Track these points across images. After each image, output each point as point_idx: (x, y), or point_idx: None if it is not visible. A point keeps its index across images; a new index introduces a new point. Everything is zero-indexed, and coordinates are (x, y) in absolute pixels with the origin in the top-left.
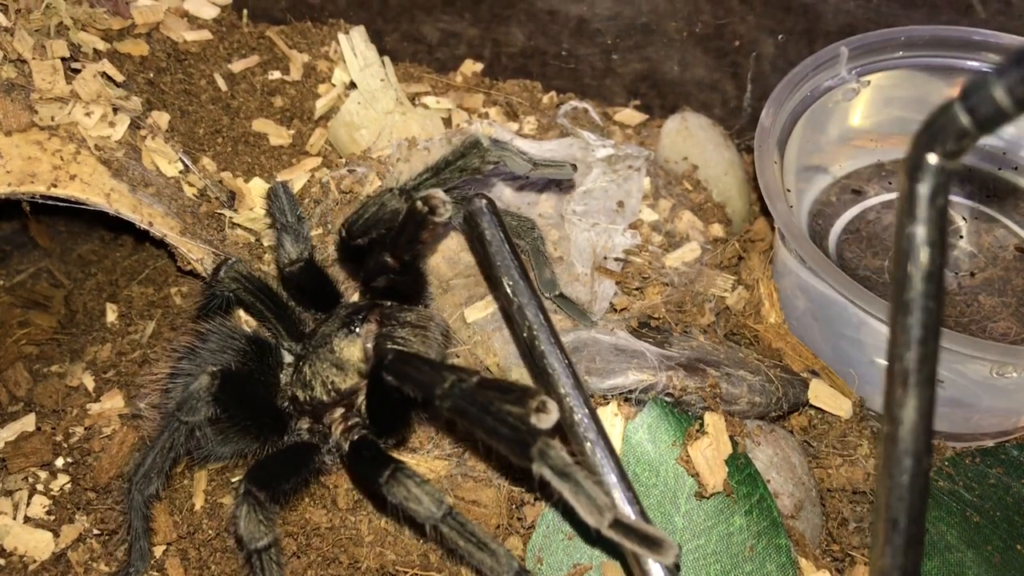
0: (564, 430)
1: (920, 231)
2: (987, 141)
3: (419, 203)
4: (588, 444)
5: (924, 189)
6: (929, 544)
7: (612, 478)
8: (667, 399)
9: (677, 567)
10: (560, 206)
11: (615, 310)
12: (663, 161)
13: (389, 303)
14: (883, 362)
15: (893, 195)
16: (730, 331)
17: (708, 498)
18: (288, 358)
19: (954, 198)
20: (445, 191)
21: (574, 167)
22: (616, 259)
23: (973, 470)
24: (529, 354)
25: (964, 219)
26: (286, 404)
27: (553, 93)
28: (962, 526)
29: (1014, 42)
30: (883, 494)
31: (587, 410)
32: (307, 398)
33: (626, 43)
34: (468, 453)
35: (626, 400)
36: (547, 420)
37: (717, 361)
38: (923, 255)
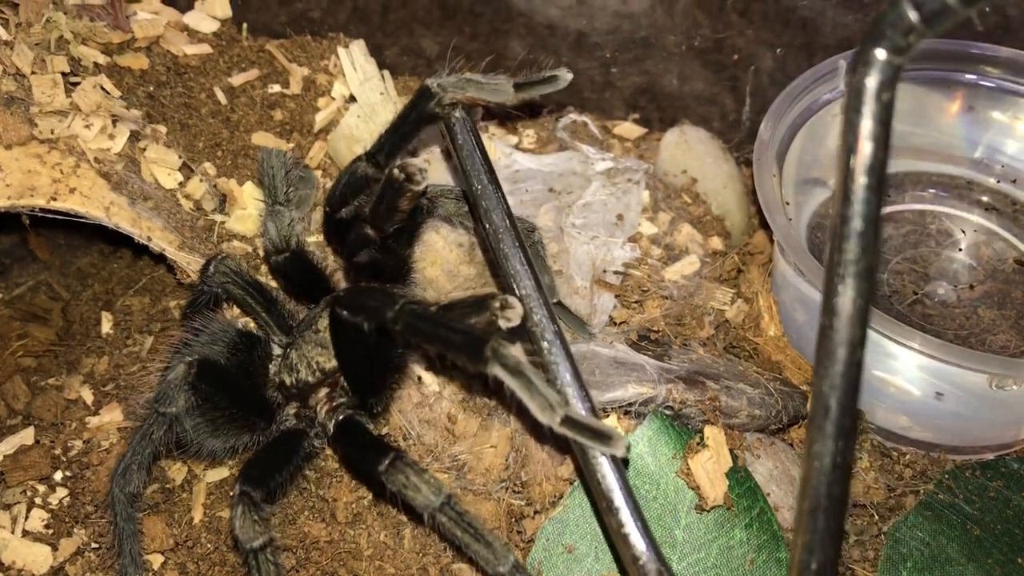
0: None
1: (865, 124)
2: (987, 154)
3: (395, 171)
4: (545, 344)
5: (871, 83)
6: (930, 557)
7: (566, 376)
8: (667, 412)
9: (626, 461)
10: (559, 219)
11: (614, 323)
12: (662, 174)
13: (374, 283)
14: (882, 374)
15: (892, 208)
16: (729, 344)
17: (708, 511)
18: (277, 350)
19: (953, 211)
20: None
21: (568, 70)
22: (615, 272)
23: (973, 483)
24: (494, 258)
25: (963, 232)
26: (274, 392)
27: (552, 106)
28: (962, 539)
29: (1012, 55)
30: (817, 383)
31: (546, 311)
32: (294, 381)
33: (625, 57)
34: (467, 467)
35: (626, 413)
36: (515, 315)
37: (717, 374)
38: (866, 148)
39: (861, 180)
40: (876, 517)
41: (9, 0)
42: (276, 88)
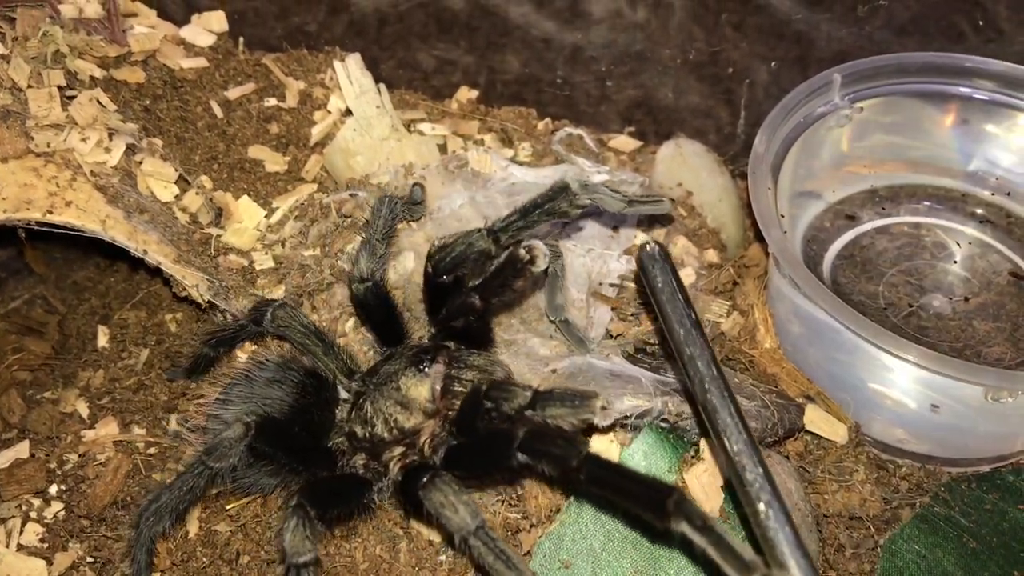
0: (736, 490)
1: None
2: (981, 166)
3: (521, 251)
4: (761, 505)
5: None
6: (926, 570)
7: (784, 545)
8: (663, 425)
9: None
10: (554, 231)
11: (611, 336)
12: (658, 187)
13: (455, 345)
14: (877, 387)
15: (887, 220)
16: (725, 356)
17: None
18: (344, 394)
19: (948, 223)
20: (531, 235)
21: (672, 200)
22: (611, 285)
23: (969, 496)
24: (700, 406)
25: (958, 244)
26: (340, 440)
27: (548, 120)
28: (958, 552)
29: (1006, 69)
30: None
31: (761, 469)
32: (367, 435)
33: (620, 70)
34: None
35: (622, 426)
36: (608, 416)
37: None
38: None
39: None
40: (872, 530)
41: (6, 14)
42: (272, 101)
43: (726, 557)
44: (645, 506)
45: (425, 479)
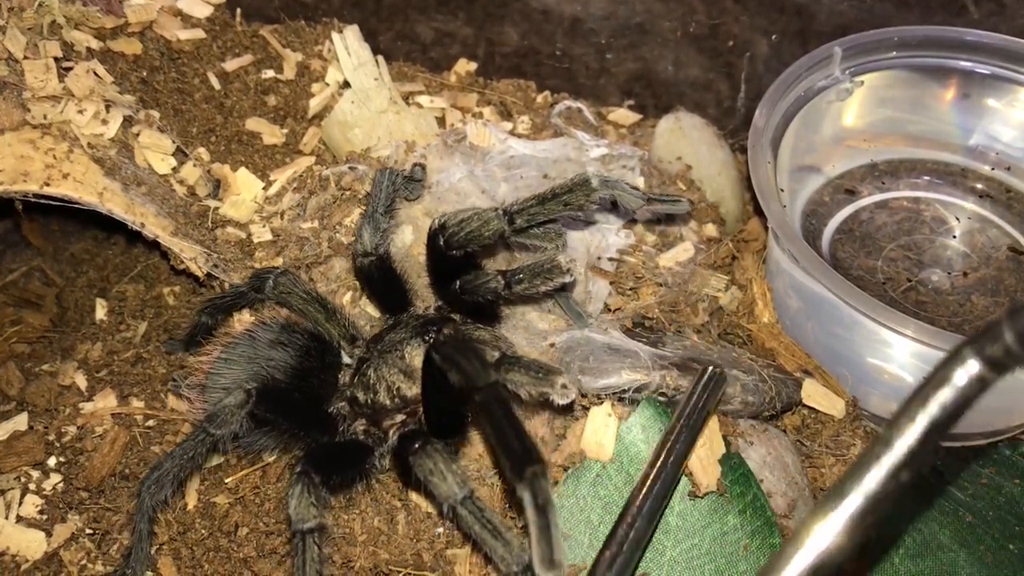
0: None
1: (922, 413)
2: (981, 141)
3: (563, 260)
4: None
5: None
6: (922, 544)
7: None
8: (660, 399)
9: None
10: None
11: (609, 310)
12: (657, 161)
13: (461, 318)
14: (875, 361)
15: (886, 195)
16: (723, 331)
17: (702, 498)
18: (347, 359)
19: (947, 198)
20: (545, 221)
21: (691, 202)
22: (610, 259)
23: (966, 470)
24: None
25: (957, 219)
26: (342, 405)
27: (547, 93)
28: (954, 525)
29: (1007, 43)
30: None
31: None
32: (368, 401)
33: (620, 43)
34: (461, 452)
35: (620, 400)
36: (568, 396)
37: (710, 361)
38: (914, 428)
39: (888, 460)
40: None
41: None
42: (270, 73)
43: (540, 543)
44: (508, 458)
45: (416, 446)
